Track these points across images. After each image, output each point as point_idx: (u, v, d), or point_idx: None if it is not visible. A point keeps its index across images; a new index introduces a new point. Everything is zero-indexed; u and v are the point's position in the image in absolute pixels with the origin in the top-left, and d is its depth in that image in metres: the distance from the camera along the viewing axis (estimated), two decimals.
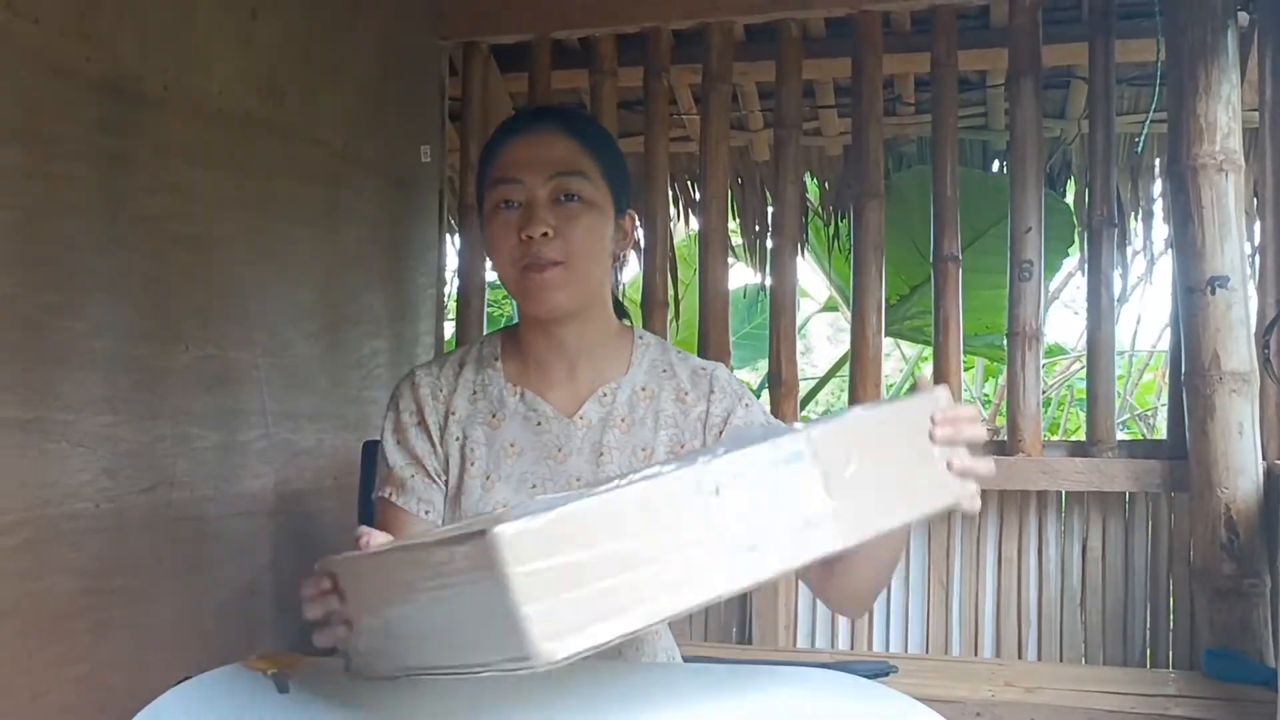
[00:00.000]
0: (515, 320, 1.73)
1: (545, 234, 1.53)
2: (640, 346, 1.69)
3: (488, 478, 1.59)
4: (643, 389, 1.65)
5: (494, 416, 1.62)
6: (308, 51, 2.77)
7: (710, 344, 3.25)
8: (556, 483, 1.59)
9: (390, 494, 1.60)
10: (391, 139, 3.18)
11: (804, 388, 4.46)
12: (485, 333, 1.75)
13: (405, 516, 1.59)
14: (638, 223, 1.75)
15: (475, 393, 1.64)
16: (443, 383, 1.65)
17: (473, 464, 1.60)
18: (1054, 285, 5.27)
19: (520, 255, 1.55)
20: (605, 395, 1.63)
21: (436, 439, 1.62)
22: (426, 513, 1.59)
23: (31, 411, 1.98)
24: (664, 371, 1.68)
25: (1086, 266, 3.16)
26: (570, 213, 1.55)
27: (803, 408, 3.52)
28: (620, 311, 1.75)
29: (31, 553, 1.99)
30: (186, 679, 1.27)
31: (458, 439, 1.62)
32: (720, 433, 1.65)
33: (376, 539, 1.25)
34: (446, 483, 1.62)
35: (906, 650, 3.12)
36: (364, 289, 3.04)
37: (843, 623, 3.16)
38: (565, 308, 1.57)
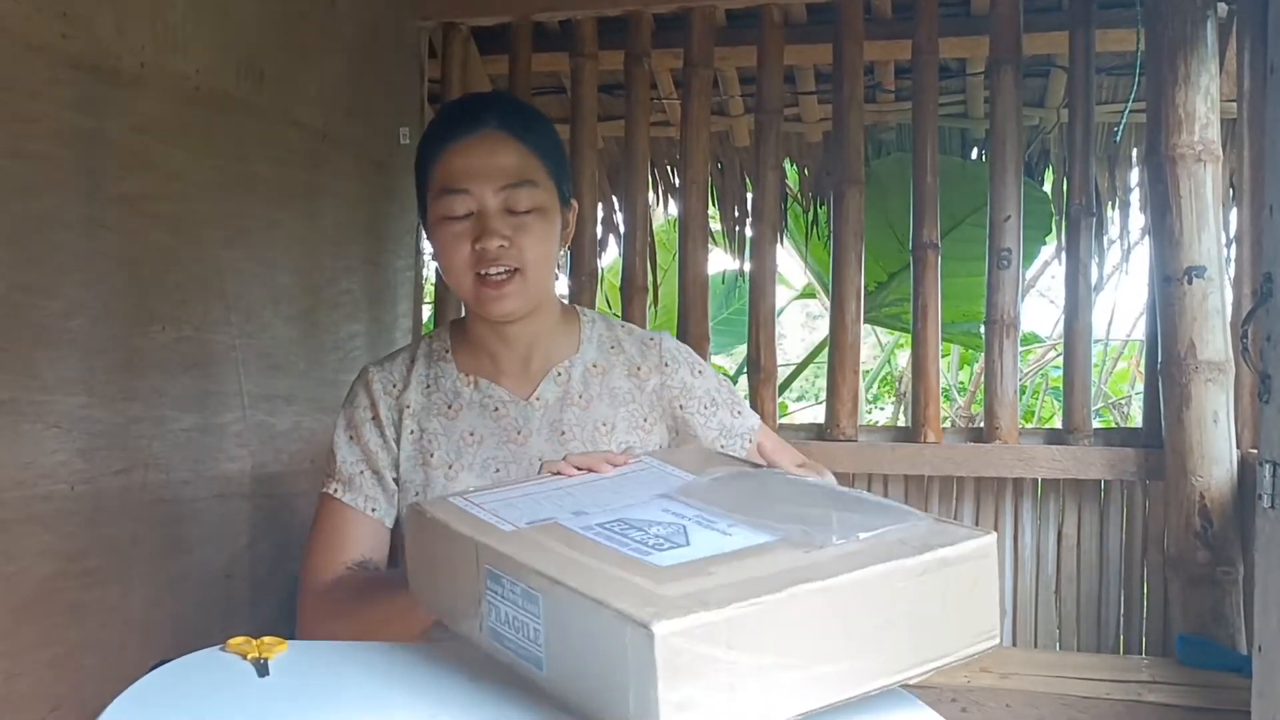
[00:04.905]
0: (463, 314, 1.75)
1: (501, 245, 1.54)
2: (586, 323, 1.73)
3: (450, 467, 1.62)
4: (594, 365, 1.70)
5: (450, 408, 1.65)
6: (286, 32, 2.75)
7: (689, 329, 3.25)
8: (519, 465, 1.62)
9: (336, 490, 1.64)
10: (370, 120, 3.16)
11: (779, 374, 4.46)
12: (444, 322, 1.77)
13: (350, 513, 1.62)
14: (615, 210, 1.79)
15: (429, 386, 1.66)
16: (395, 377, 1.68)
17: (432, 455, 1.63)
18: (1030, 274, 5.30)
19: (474, 262, 1.56)
20: (560, 375, 1.67)
21: (390, 435, 1.65)
22: (373, 510, 1.63)
23: (6, 392, 1.96)
24: (612, 348, 1.72)
25: (1064, 255, 3.17)
26: (523, 223, 1.56)
27: (779, 394, 3.53)
28: None
29: (5, 535, 1.97)
30: (164, 662, 1.26)
31: (413, 432, 1.64)
32: (681, 405, 1.71)
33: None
34: (398, 480, 1.64)
35: None
36: (342, 272, 3.03)
37: None
38: (519, 313, 1.61)
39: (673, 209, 4.57)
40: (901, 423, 5.65)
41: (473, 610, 1.20)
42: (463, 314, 1.74)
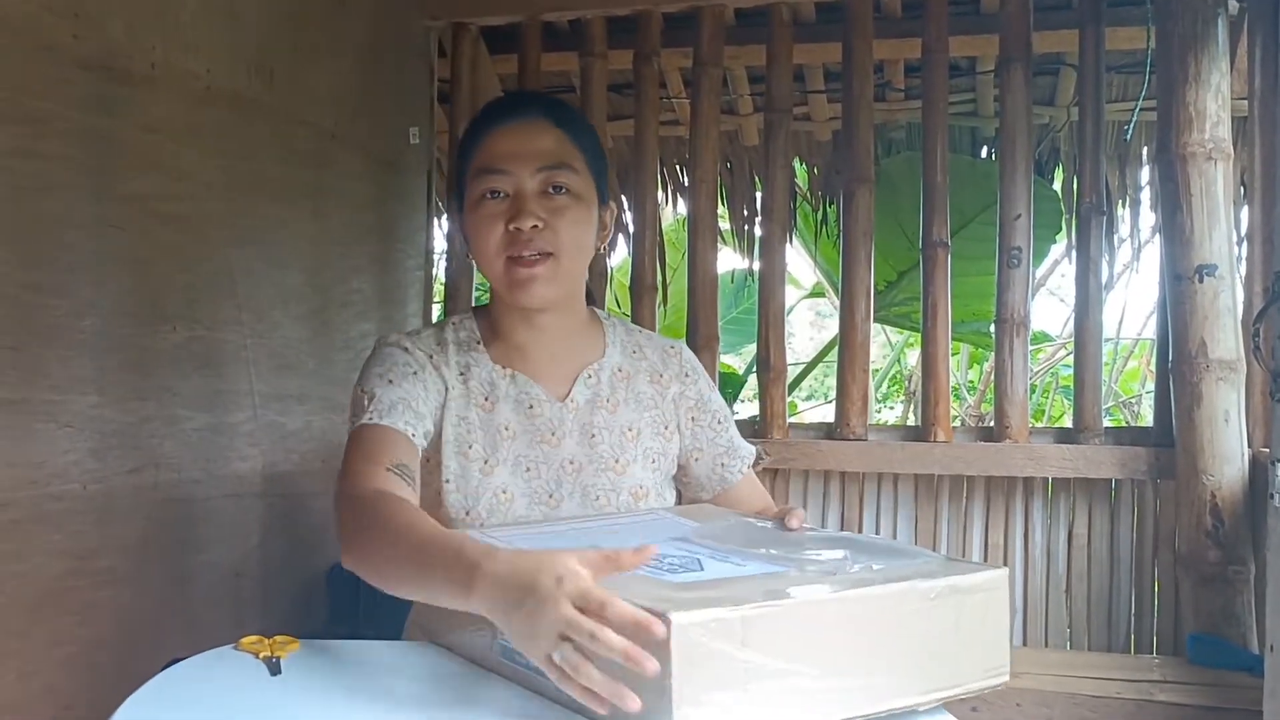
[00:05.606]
0: (485, 301, 1.74)
1: (535, 226, 1.54)
2: (609, 327, 1.74)
3: (485, 461, 1.60)
4: (619, 370, 1.70)
5: (486, 400, 1.63)
6: (295, 31, 2.75)
7: (699, 329, 3.25)
8: (550, 465, 1.62)
9: (372, 418, 1.52)
10: (380, 120, 3.16)
11: (789, 373, 4.45)
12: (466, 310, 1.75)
13: (391, 433, 1.50)
14: (625, 210, 1.79)
15: (463, 373, 1.64)
16: (433, 352, 1.64)
17: (470, 446, 1.60)
18: (1040, 272, 5.29)
19: (507, 245, 1.56)
20: (590, 377, 1.67)
21: (432, 401, 1.59)
22: (411, 434, 1.52)
23: (18, 392, 1.97)
24: (634, 353, 1.73)
25: (1074, 253, 3.16)
26: (558, 205, 1.57)
27: (789, 393, 3.53)
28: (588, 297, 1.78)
29: (17, 534, 1.98)
30: (177, 661, 1.26)
31: (453, 414, 1.61)
32: (694, 416, 1.75)
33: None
34: (440, 460, 1.60)
35: None
36: (352, 271, 3.03)
37: None
38: (550, 300, 1.60)
39: (682, 208, 4.56)
40: (911, 422, 5.64)
41: (485, 628, 1.20)
42: (476, 302, 1.73)
